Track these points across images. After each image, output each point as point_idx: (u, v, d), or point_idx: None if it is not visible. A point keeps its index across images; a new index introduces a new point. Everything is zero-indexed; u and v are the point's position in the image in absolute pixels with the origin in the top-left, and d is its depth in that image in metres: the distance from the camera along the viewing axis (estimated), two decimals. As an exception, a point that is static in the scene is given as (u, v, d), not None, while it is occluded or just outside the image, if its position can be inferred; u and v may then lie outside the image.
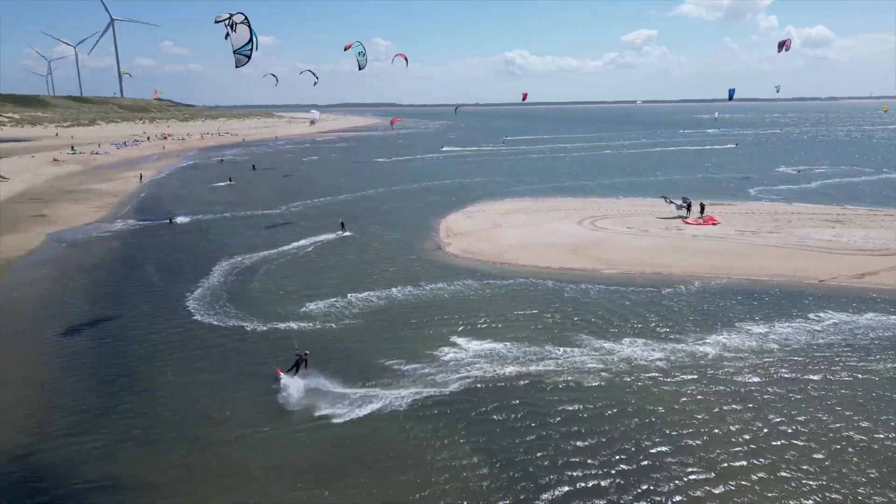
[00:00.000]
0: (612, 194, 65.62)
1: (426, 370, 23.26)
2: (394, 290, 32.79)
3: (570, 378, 22.64)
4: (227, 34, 26.81)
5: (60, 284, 35.05)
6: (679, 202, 51.14)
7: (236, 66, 28.33)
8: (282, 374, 21.68)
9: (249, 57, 27.62)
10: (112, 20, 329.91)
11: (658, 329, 27.23)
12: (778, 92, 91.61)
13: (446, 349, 25.18)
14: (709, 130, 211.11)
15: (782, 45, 71.13)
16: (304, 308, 30.09)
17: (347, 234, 47.37)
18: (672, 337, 26.31)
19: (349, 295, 31.95)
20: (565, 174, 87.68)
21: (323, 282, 34.87)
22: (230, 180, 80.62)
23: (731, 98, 78.37)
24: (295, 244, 44.36)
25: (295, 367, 22.19)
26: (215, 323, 28.50)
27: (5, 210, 57.97)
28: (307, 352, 22.85)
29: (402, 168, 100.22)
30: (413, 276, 35.46)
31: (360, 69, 45.21)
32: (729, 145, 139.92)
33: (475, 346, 25.50)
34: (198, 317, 29.38)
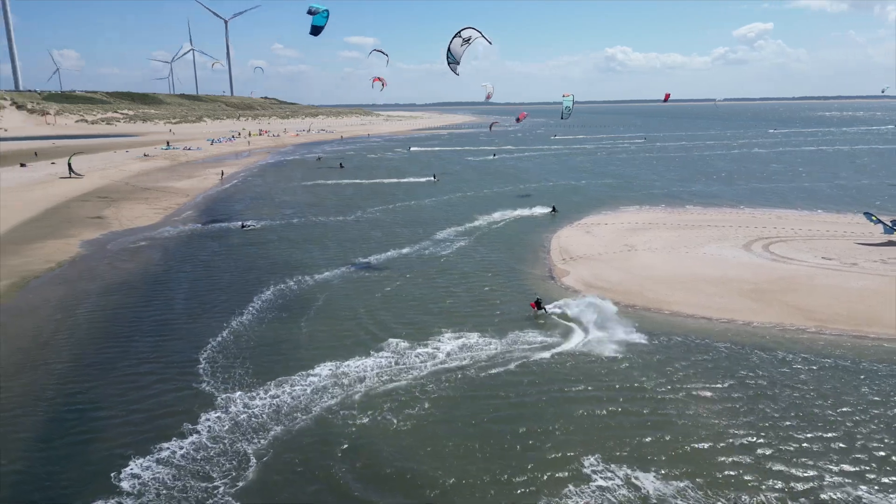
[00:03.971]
0: (771, 205, 51.13)
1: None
2: (489, 350, 22.07)
3: None
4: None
5: (63, 313, 27.30)
6: (889, 223, 36.69)
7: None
8: (540, 309, 25.48)
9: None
10: (226, 22, 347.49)
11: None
12: None
13: (577, 490, 14.32)
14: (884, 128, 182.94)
15: None
16: (340, 382, 20.22)
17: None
18: None
19: (419, 358, 21.50)
20: (693, 176, 73.18)
21: (379, 333, 24.38)
22: (434, 177, 74.48)
23: None
24: (342, 269, 34.87)
25: (541, 307, 25.46)
26: (218, 394, 19.20)
27: (65, 210, 52.99)
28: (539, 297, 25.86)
29: (493, 167, 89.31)
30: (517, 328, 24.08)
31: None
32: None
33: (625, 487, 14.49)
34: (204, 385, 20.28)
